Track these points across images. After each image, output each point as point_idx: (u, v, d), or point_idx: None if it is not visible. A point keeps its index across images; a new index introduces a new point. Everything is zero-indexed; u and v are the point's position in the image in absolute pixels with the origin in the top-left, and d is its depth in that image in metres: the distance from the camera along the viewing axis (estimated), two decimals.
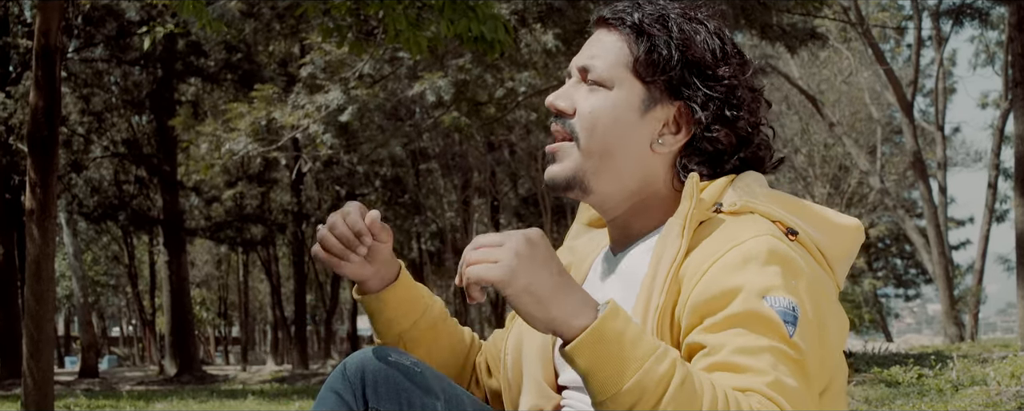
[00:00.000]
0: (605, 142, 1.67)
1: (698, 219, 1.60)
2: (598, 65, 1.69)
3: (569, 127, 1.69)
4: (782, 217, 1.62)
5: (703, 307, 1.51)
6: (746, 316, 1.47)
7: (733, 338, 1.46)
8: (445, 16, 7.44)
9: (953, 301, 23.24)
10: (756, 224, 1.58)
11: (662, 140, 1.69)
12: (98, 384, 24.06)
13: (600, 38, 1.71)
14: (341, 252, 1.73)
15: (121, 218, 27.52)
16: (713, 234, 1.58)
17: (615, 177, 1.69)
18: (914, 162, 24.30)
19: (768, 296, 1.48)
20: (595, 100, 1.68)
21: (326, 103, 15.30)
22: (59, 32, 8.48)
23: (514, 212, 31.03)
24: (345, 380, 1.64)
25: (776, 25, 15.30)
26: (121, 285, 45.61)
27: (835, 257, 1.66)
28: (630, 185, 1.70)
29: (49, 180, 8.23)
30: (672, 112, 1.68)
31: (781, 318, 1.46)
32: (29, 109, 8.45)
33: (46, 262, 8.23)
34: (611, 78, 1.68)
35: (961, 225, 39.01)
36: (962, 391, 7.53)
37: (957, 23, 23.40)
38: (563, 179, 1.70)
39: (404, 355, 1.69)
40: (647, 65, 1.67)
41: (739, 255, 1.52)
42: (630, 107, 1.68)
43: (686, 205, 1.59)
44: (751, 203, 1.63)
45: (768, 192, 1.67)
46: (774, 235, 1.56)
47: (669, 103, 1.68)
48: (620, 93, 1.68)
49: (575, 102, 1.69)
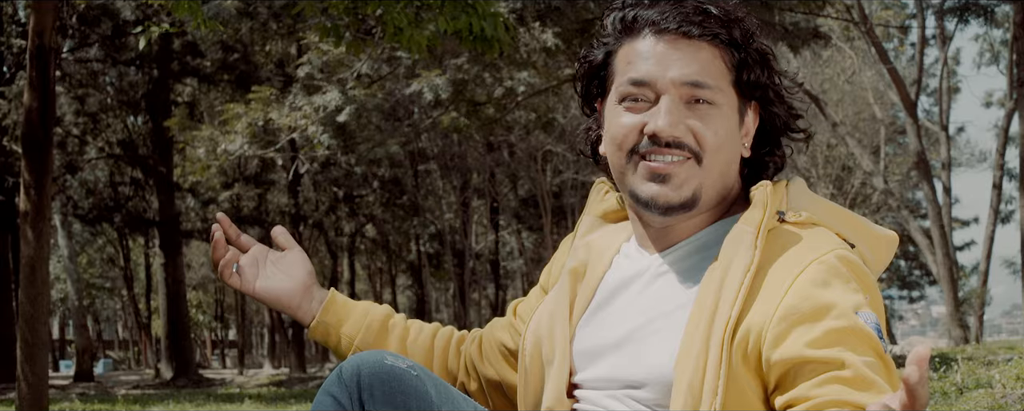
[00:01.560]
0: (726, 159, 1.69)
1: (769, 228, 1.62)
2: (710, 83, 1.66)
3: (689, 148, 1.66)
4: (841, 230, 1.66)
5: (795, 320, 1.53)
6: (849, 332, 1.50)
7: (844, 354, 1.49)
8: (445, 13, 7.52)
9: (957, 303, 23.31)
10: (827, 238, 1.62)
11: (746, 142, 1.73)
12: (93, 388, 24.01)
13: (685, 52, 1.67)
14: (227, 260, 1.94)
15: (116, 220, 27.51)
16: (790, 248, 1.60)
17: (721, 187, 1.70)
18: (918, 162, 24.28)
19: (860, 311, 1.52)
20: (715, 122, 1.67)
21: (323, 103, 15.42)
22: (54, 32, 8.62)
23: (513, 213, 31.12)
24: (341, 384, 1.67)
25: (779, 24, 15.60)
26: (116, 288, 45.56)
27: (876, 268, 1.70)
28: (724, 192, 1.72)
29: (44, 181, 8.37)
30: (750, 113, 1.73)
31: (875, 332, 1.52)
32: (23, 110, 8.57)
33: (40, 265, 8.40)
34: (721, 97, 1.67)
35: (965, 226, 39.35)
36: (967, 394, 7.53)
37: (961, 21, 23.46)
38: (681, 200, 1.67)
39: (401, 358, 1.70)
40: (748, 81, 1.69)
41: (823, 270, 1.55)
42: (735, 122, 1.70)
43: (760, 214, 1.62)
44: (814, 215, 1.66)
45: (820, 201, 1.71)
46: (845, 249, 1.61)
47: (749, 106, 1.72)
48: (727, 110, 1.68)
49: (689, 126, 1.66)
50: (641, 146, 1.67)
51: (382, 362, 1.67)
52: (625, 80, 1.69)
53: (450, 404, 1.71)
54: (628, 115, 1.68)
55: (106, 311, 54.46)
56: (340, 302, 2.02)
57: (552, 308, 1.83)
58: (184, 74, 25.59)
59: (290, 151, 20.44)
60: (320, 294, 2.01)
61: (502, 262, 33.98)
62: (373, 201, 29.80)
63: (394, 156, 23.68)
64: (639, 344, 1.67)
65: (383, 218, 30.57)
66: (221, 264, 1.94)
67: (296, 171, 24.23)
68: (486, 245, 31.89)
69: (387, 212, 29.78)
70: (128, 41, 24.44)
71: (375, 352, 1.70)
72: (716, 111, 1.66)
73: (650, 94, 1.67)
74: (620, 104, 1.70)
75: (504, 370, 1.99)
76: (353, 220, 31.93)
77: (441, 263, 32.71)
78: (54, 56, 8.58)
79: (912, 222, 25.21)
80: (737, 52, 1.67)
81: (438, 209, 28.88)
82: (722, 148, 1.66)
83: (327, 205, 30.80)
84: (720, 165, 1.67)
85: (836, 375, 1.48)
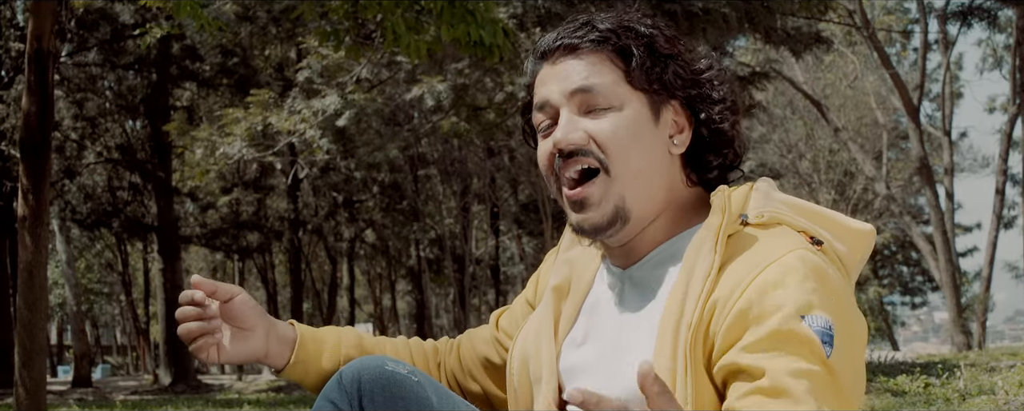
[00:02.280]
0: (635, 162, 1.65)
1: (729, 232, 1.59)
2: (599, 85, 1.65)
3: (593, 155, 1.64)
4: (807, 227, 1.62)
5: (741, 325, 1.50)
6: (784, 336, 1.47)
7: (771, 361, 1.46)
8: (444, 20, 7.51)
9: (960, 309, 23.57)
10: (788, 238, 1.59)
11: (676, 140, 1.69)
12: (91, 394, 23.92)
13: (569, 65, 1.68)
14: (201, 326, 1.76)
15: (115, 225, 27.47)
16: (748, 250, 1.57)
17: (649, 194, 1.66)
18: (920, 167, 24.41)
19: (807, 315, 1.48)
20: (613, 124, 1.64)
21: (323, 108, 15.31)
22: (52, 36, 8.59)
23: (514, 219, 31.11)
24: (341, 389, 1.66)
25: (780, 29, 15.51)
26: (115, 293, 45.58)
27: (852, 263, 1.67)
28: (659, 197, 1.67)
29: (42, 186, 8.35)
30: (673, 111, 1.69)
31: (819, 338, 1.46)
32: (22, 114, 8.56)
33: (39, 270, 8.38)
34: (616, 95, 1.65)
35: (968, 231, 39.27)
36: (970, 400, 7.62)
37: (964, 25, 23.54)
38: (606, 219, 1.66)
39: (401, 364, 1.70)
40: (642, 74, 1.65)
41: (778, 271, 1.52)
42: (645, 119, 1.66)
43: (718, 219, 1.59)
44: (777, 214, 1.63)
45: (788, 200, 1.67)
46: (806, 248, 1.56)
47: (668, 103, 1.68)
48: (629, 109, 1.65)
49: (587, 131, 1.65)
50: (557, 165, 1.67)
51: (383, 367, 1.67)
52: (534, 111, 1.73)
53: (452, 409, 1.71)
54: (543, 142, 1.70)
55: (104, 316, 54.49)
56: (309, 338, 1.92)
57: (537, 326, 1.83)
58: (183, 78, 25.56)
59: (289, 156, 20.44)
60: (280, 331, 1.90)
61: (502, 267, 33.97)
62: (373, 206, 29.84)
63: (394, 161, 23.63)
64: (616, 361, 1.66)
65: (383, 223, 30.60)
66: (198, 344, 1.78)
67: (295, 176, 24.16)
68: (486, 250, 31.86)
69: (387, 217, 29.80)
70: (127, 45, 24.52)
71: (375, 358, 1.70)
72: (612, 112, 1.65)
73: (553, 113, 1.69)
74: (540, 134, 1.73)
75: (488, 384, 1.99)
76: (353, 225, 31.93)
77: (441, 268, 32.66)
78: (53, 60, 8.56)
79: (914, 228, 25.38)
80: (624, 52, 1.66)
81: (438, 214, 28.83)
82: (627, 149, 1.64)
83: (326, 210, 30.81)
84: (632, 168, 1.64)
85: (758, 386, 1.46)
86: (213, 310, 1.78)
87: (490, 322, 2.04)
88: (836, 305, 1.52)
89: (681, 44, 1.71)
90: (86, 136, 26.03)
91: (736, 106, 1.72)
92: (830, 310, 1.50)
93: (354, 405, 1.65)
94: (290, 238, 29.66)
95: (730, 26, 13.63)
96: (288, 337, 1.90)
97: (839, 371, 1.47)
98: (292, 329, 1.92)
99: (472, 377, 2.00)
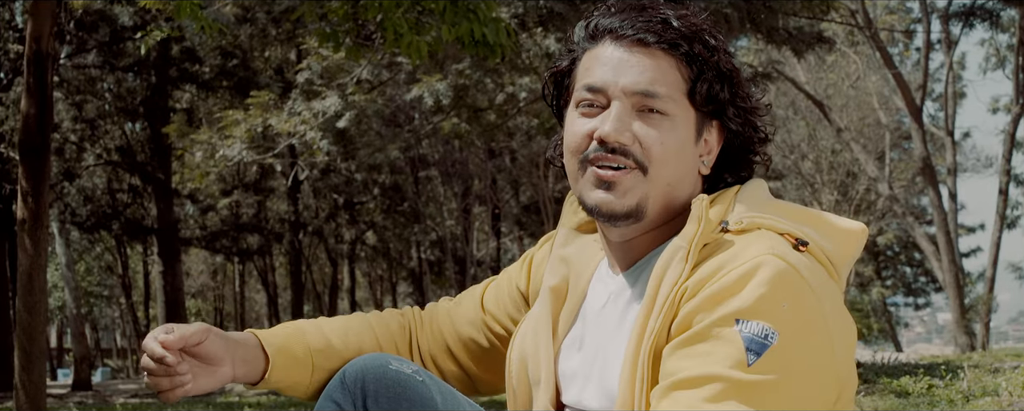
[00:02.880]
0: (674, 173, 1.65)
1: (704, 241, 1.58)
2: (662, 93, 1.64)
3: (634, 158, 1.64)
4: (790, 229, 1.60)
5: (686, 324, 1.52)
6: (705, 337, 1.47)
7: (684, 361, 1.47)
8: (446, 19, 7.46)
9: (964, 310, 23.56)
10: (760, 242, 1.56)
11: (705, 160, 1.69)
12: (91, 397, 23.86)
13: (638, 61, 1.66)
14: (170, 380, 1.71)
15: (115, 227, 27.48)
16: (715, 256, 1.56)
17: (669, 202, 1.67)
18: (923, 168, 24.44)
19: (741, 319, 1.47)
20: (663, 133, 1.64)
21: (323, 109, 15.32)
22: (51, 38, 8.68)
23: (515, 220, 31.15)
24: (344, 389, 1.67)
25: (782, 29, 15.46)
26: (115, 296, 45.60)
27: (842, 263, 1.64)
28: (675, 207, 1.68)
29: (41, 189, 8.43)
30: (708, 131, 1.69)
31: (745, 344, 1.45)
32: (21, 116, 8.62)
33: (38, 273, 8.45)
34: (672, 107, 1.65)
35: (971, 232, 39.31)
36: (973, 402, 7.64)
37: (967, 25, 23.54)
38: (625, 210, 1.65)
39: (405, 363, 1.70)
40: (704, 93, 1.65)
41: (736, 276, 1.50)
42: (690, 136, 1.67)
43: (693, 228, 1.58)
44: (757, 219, 1.61)
45: (773, 202, 1.66)
46: (776, 252, 1.53)
47: (710, 123, 1.69)
48: (681, 122, 1.66)
49: (635, 133, 1.65)
50: (590, 151, 1.66)
51: (386, 367, 1.67)
52: (581, 86, 1.69)
53: (456, 409, 1.72)
54: (582, 121, 1.69)
55: (104, 319, 54.55)
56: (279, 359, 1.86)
57: (535, 326, 1.82)
58: (183, 80, 25.55)
59: (289, 157, 20.45)
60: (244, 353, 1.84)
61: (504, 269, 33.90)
62: (373, 208, 29.91)
63: (394, 162, 23.69)
64: (603, 368, 1.67)
65: (383, 225, 30.68)
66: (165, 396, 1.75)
67: (295, 178, 24.18)
68: (488, 252, 31.83)
69: (388, 219, 29.87)
70: (126, 47, 24.52)
71: (379, 356, 1.71)
72: (667, 122, 1.65)
73: (603, 100, 1.67)
74: (576, 110, 1.70)
75: (470, 364, 2.00)
76: (353, 227, 32.03)
77: (442, 270, 32.71)
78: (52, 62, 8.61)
79: (917, 228, 25.42)
80: (694, 65, 1.65)
81: (439, 216, 28.89)
82: (669, 160, 1.65)
83: (327, 212, 30.90)
84: (667, 177, 1.65)
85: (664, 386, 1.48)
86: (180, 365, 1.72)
87: (472, 299, 2.02)
88: (787, 314, 1.48)
89: (736, 63, 1.71)
90: (85, 138, 26.05)
91: (768, 137, 1.74)
92: (775, 319, 1.47)
93: (358, 405, 1.65)
94: (291, 240, 29.72)
95: (732, 26, 13.61)
96: (252, 356, 1.85)
97: (758, 382, 1.44)
98: (254, 347, 1.86)
99: (452, 356, 1.99)
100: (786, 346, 1.46)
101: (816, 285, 1.53)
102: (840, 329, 1.54)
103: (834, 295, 1.58)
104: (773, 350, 1.45)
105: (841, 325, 1.55)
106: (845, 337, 1.56)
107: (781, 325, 1.47)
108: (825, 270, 1.60)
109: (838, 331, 1.54)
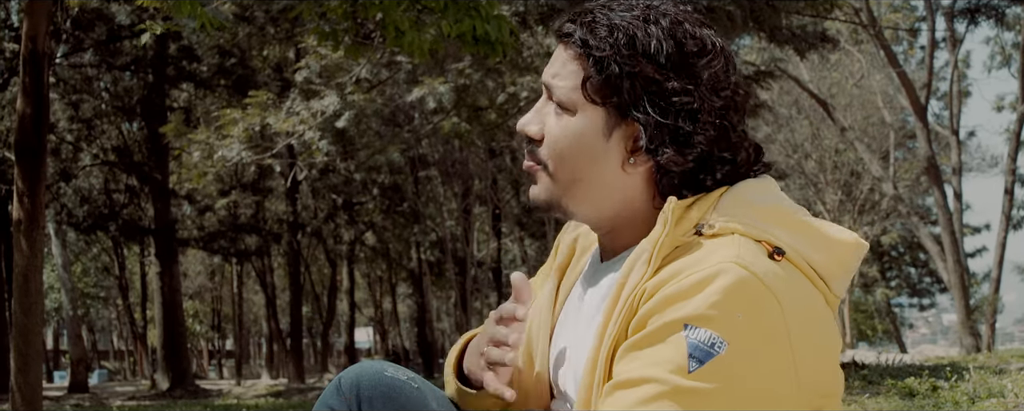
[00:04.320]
0: (574, 170, 1.63)
1: (671, 245, 1.54)
2: (559, 86, 1.63)
3: (537, 155, 1.65)
4: (767, 236, 1.54)
5: (637, 326, 1.49)
6: (652, 340, 1.45)
7: (631, 363, 1.46)
8: (447, 16, 7.51)
9: (969, 311, 23.47)
10: (727, 248, 1.50)
11: (633, 159, 1.62)
12: (88, 399, 23.98)
13: (560, 54, 1.65)
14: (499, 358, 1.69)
15: (111, 228, 27.53)
16: (679, 259, 1.51)
17: (590, 201, 1.64)
18: (928, 167, 24.37)
19: (690, 325, 1.43)
20: (560, 127, 1.63)
21: (322, 109, 15.38)
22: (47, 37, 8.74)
23: (516, 221, 31.30)
24: (340, 395, 1.66)
25: (785, 28, 15.48)
26: (111, 297, 45.89)
27: (831, 273, 1.57)
28: (607, 207, 1.64)
29: (37, 189, 8.48)
30: (633, 131, 1.61)
31: (688, 351, 1.42)
32: (16, 116, 8.70)
33: (34, 274, 8.51)
34: (573, 101, 1.62)
35: (977, 232, 39.72)
36: (979, 403, 7.53)
37: (972, 23, 23.45)
38: (542, 201, 1.67)
39: (401, 370, 1.71)
40: (597, 87, 1.60)
41: (691, 281, 1.46)
42: (595, 132, 1.62)
43: (658, 231, 1.55)
44: (732, 224, 1.55)
45: (760, 207, 1.58)
46: (740, 261, 1.47)
47: (626, 123, 1.61)
48: (583, 117, 1.62)
49: (544, 126, 1.65)
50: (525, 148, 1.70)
51: (382, 373, 1.68)
52: None
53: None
54: None
55: (101, 321, 54.99)
56: None
57: (540, 304, 1.81)
58: (180, 79, 25.65)
59: (288, 157, 20.44)
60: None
61: (504, 270, 34.07)
62: (373, 208, 30.09)
63: (394, 162, 23.83)
64: (571, 362, 1.67)
65: (383, 226, 30.87)
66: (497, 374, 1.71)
67: (294, 178, 24.26)
68: (488, 253, 32.02)
69: (387, 219, 30.11)
70: (123, 46, 24.66)
71: (375, 363, 1.71)
72: (565, 116, 1.62)
73: (543, 94, 1.69)
74: None
75: None
76: (352, 228, 32.19)
77: (442, 271, 32.92)
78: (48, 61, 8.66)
79: (922, 228, 25.48)
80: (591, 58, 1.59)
81: (439, 216, 29.04)
82: (565, 155, 1.62)
83: (326, 212, 31.07)
84: (570, 175, 1.62)
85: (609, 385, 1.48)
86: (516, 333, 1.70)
87: None
88: (741, 325, 1.43)
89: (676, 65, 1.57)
90: (82, 138, 26.20)
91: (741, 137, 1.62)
92: (726, 328, 1.43)
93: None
94: (289, 241, 29.77)
95: (735, 24, 13.53)
96: None
97: (698, 389, 1.41)
98: None
99: None
100: (734, 357, 1.42)
101: (783, 296, 1.47)
102: (812, 341, 1.49)
103: (810, 307, 1.51)
104: (719, 359, 1.42)
105: (815, 337, 1.50)
106: (824, 347, 1.51)
107: (731, 335, 1.43)
108: (806, 280, 1.54)
109: (807, 343, 1.48)
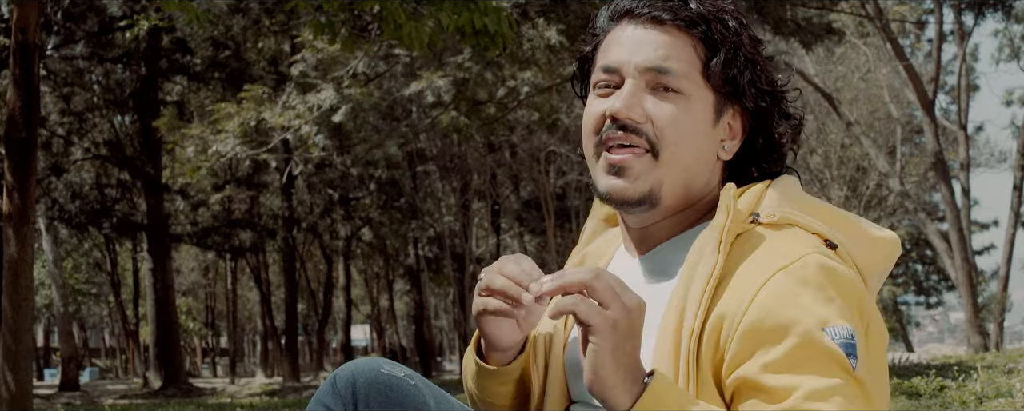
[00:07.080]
0: (690, 154, 1.64)
1: (735, 233, 1.58)
2: (675, 70, 1.63)
3: (646, 138, 1.63)
4: (821, 229, 1.60)
5: (756, 338, 1.48)
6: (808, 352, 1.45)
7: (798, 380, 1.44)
8: (446, 9, 7.53)
9: (977, 309, 23.40)
10: (799, 240, 1.56)
11: (727, 146, 1.68)
12: (79, 398, 24.21)
13: (651, 37, 1.65)
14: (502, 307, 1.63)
15: (103, 223, 27.44)
16: (755, 252, 1.56)
17: (686, 188, 1.66)
18: (935, 163, 24.33)
19: (828, 327, 1.46)
20: (676, 111, 1.63)
21: (318, 103, 15.43)
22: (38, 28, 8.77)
23: (515, 216, 31.52)
24: (335, 393, 1.65)
25: (791, 20, 15.65)
26: (103, 294, 45.98)
27: (871, 272, 1.64)
28: (694, 194, 1.67)
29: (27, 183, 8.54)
30: (731, 116, 1.68)
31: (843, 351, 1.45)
32: (6, 109, 8.77)
33: (24, 270, 8.59)
34: (687, 86, 1.63)
35: (985, 229, 40.12)
36: (986, 403, 7.59)
37: (980, 15, 23.24)
38: (637, 196, 1.64)
39: (398, 367, 1.69)
40: (721, 74, 1.64)
41: (791, 279, 1.50)
42: (706, 116, 1.65)
43: (722, 218, 1.58)
44: (790, 214, 1.61)
45: (806, 200, 1.65)
46: (820, 251, 1.54)
47: (731, 107, 1.68)
48: (697, 102, 1.64)
49: (648, 111, 1.63)
50: (604, 131, 1.66)
51: (378, 371, 1.66)
52: (599, 67, 1.70)
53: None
54: (598, 101, 1.69)
55: (92, 318, 55.38)
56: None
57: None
58: (173, 72, 25.69)
59: (284, 152, 20.48)
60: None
61: None
62: (370, 204, 30.43)
63: (391, 157, 24.02)
64: None
65: (380, 221, 31.19)
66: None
67: (290, 173, 24.17)
68: (487, 249, 32.33)
69: (384, 215, 30.45)
70: (115, 38, 24.74)
71: (371, 360, 1.71)
72: (681, 100, 1.63)
73: (618, 80, 1.67)
74: (594, 92, 1.71)
75: None
76: (349, 223, 32.39)
77: (440, 268, 33.18)
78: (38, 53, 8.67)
79: (929, 225, 25.66)
80: (710, 44, 1.65)
81: (437, 212, 29.24)
82: (682, 141, 1.63)
83: (322, 208, 31.20)
84: (681, 160, 1.64)
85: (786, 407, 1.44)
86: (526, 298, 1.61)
87: None
88: (856, 312, 1.51)
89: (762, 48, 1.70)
90: (73, 131, 26.14)
91: (801, 125, 1.73)
92: (850, 318, 1.49)
93: (349, 409, 1.63)
94: (284, 237, 29.88)
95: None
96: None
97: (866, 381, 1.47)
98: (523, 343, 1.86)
99: None
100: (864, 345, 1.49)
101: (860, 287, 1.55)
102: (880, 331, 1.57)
103: (869, 297, 1.59)
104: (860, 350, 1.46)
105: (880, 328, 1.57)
106: (883, 340, 1.58)
107: (857, 325, 1.49)
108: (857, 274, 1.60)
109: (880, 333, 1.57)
